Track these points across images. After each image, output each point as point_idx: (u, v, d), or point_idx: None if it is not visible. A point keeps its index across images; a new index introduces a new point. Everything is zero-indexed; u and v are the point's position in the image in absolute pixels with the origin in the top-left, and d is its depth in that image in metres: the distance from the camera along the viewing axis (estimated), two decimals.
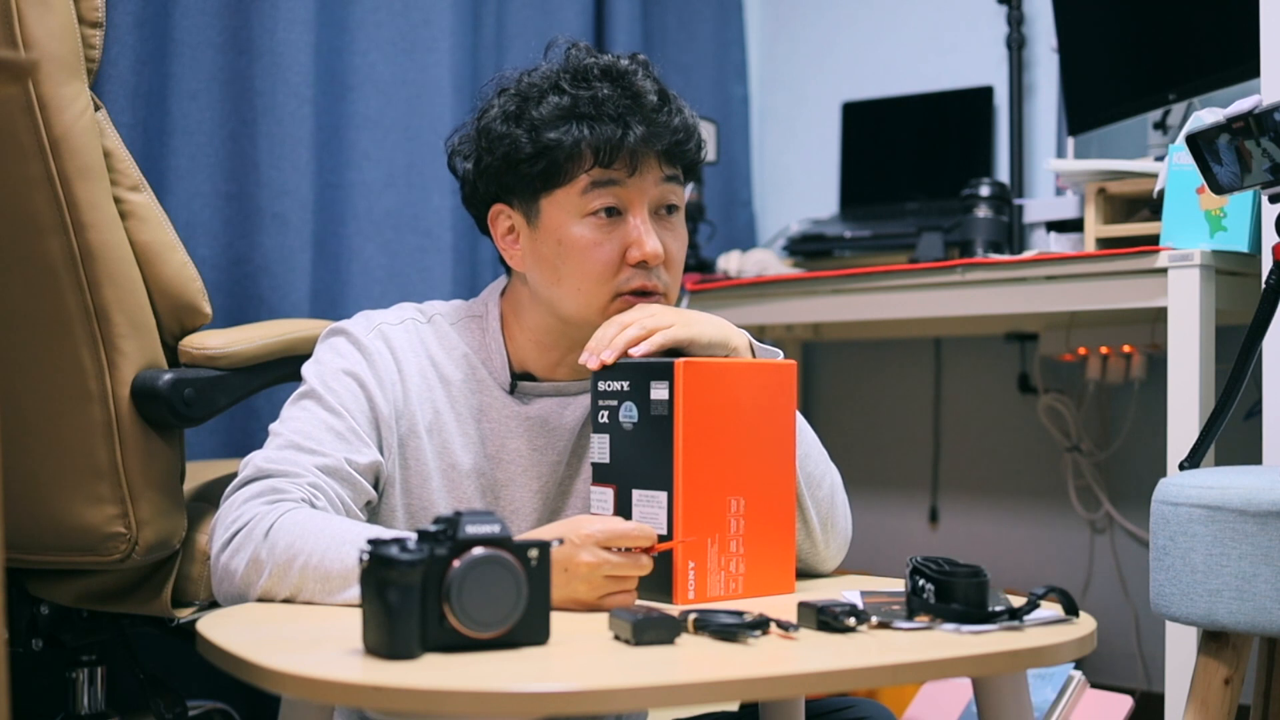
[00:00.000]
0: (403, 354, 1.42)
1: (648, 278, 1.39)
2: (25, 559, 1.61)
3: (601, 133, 1.36)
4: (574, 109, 1.37)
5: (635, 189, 1.38)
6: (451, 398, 1.43)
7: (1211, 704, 1.37)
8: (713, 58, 3.21)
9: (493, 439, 1.43)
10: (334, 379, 1.38)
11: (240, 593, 1.26)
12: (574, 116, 1.36)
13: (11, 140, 1.46)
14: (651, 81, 1.41)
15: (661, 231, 1.40)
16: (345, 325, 1.44)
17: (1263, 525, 1.30)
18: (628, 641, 1.07)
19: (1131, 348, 2.55)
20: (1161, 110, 2.28)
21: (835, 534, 1.43)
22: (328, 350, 1.42)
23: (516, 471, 1.44)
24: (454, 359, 1.44)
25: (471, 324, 1.47)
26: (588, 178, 1.37)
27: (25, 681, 1.82)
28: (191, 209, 2.21)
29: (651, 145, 1.37)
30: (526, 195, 1.41)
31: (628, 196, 1.38)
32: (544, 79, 1.40)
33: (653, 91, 1.39)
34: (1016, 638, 1.11)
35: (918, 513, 3.03)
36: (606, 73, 1.39)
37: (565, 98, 1.37)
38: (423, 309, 1.48)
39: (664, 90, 1.41)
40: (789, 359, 1.37)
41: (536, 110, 1.38)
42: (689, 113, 1.43)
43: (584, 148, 1.36)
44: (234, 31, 2.25)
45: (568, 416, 1.46)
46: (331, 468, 1.33)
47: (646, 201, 1.39)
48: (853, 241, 2.75)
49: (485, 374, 1.44)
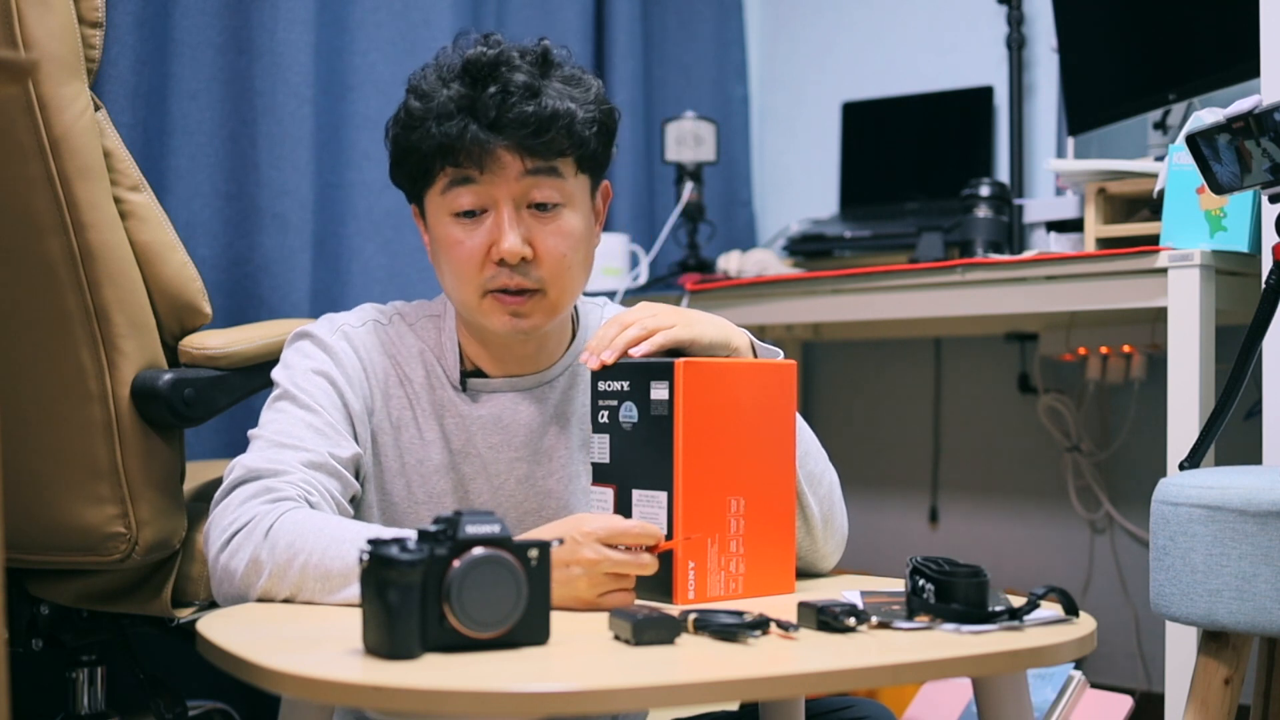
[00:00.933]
0: (366, 354, 1.43)
1: (512, 276, 1.38)
2: (25, 559, 1.62)
3: (445, 131, 1.35)
4: (428, 110, 1.37)
5: (490, 185, 1.37)
6: (414, 396, 1.44)
7: (1211, 704, 1.37)
8: (713, 58, 3.21)
9: (456, 435, 1.44)
10: (305, 379, 1.40)
11: (240, 593, 1.26)
12: (428, 117, 1.37)
13: (11, 140, 1.46)
14: (526, 72, 1.37)
15: (535, 226, 1.39)
16: (309, 328, 1.45)
17: (1263, 525, 1.30)
18: (628, 641, 1.07)
19: (1131, 348, 2.55)
20: (1161, 110, 2.28)
21: (834, 532, 1.43)
22: (295, 354, 1.43)
23: (479, 467, 1.45)
24: (412, 358, 1.46)
25: (429, 323, 1.48)
26: (445, 178, 1.39)
27: (25, 681, 1.82)
28: (191, 209, 2.21)
29: (497, 139, 1.35)
30: (412, 196, 1.46)
31: (485, 193, 1.38)
32: (418, 78, 1.41)
33: (518, 84, 1.35)
34: (1016, 638, 1.11)
35: (918, 513, 3.03)
36: (466, 68, 1.37)
37: (423, 100, 1.38)
38: (384, 310, 1.50)
39: (535, 82, 1.36)
40: (789, 359, 1.37)
41: (404, 112, 1.40)
42: (570, 102, 1.37)
43: (431, 148, 1.37)
44: (234, 31, 2.25)
45: (521, 414, 1.46)
46: (317, 463, 1.34)
47: (507, 197, 1.38)
48: (853, 241, 2.75)
49: (441, 372, 1.46)
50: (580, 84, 1.41)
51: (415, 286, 2.47)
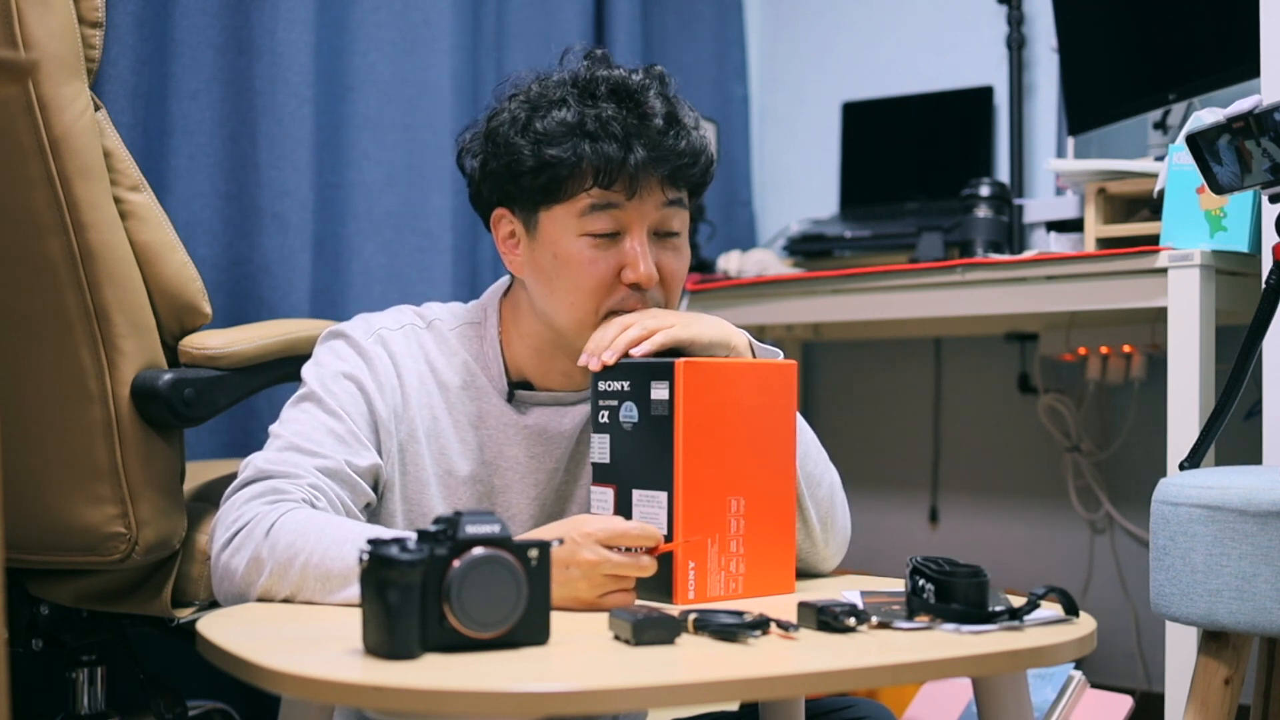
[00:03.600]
0: (401, 359, 1.42)
1: (641, 299, 1.38)
2: (25, 559, 1.61)
3: (603, 153, 1.34)
4: (579, 126, 1.35)
5: (635, 211, 1.37)
6: (449, 404, 1.43)
7: (1211, 704, 1.37)
8: (713, 58, 3.21)
9: (490, 446, 1.43)
10: (333, 382, 1.38)
11: (241, 592, 1.26)
12: (578, 134, 1.35)
13: (11, 140, 1.46)
14: (663, 101, 1.38)
15: (660, 252, 1.40)
16: (344, 328, 1.43)
17: (1263, 525, 1.30)
18: (628, 641, 1.07)
19: (1131, 348, 2.55)
20: (1161, 110, 2.28)
21: (835, 533, 1.43)
22: (327, 353, 1.42)
23: (514, 479, 1.44)
24: (453, 365, 1.44)
25: (470, 330, 1.47)
26: (588, 198, 1.36)
27: (25, 681, 1.82)
28: (191, 209, 2.21)
29: (654, 170, 1.36)
30: (527, 205, 1.40)
31: (626, 219, 1.37)
32: (554, 89, 1.39)
33: (661, 112, 1.37)
34: (1016, 638, 1.11)
35: (918, 513, 3.03)
36: (615, 90, 1.37)
37: (571, 113, 1.35)
38: (421, 313, 1.48)
39: (674, 111, 1.38)
40: (789, 359, 1.37)
41: (542, 122, 1.36)
42: (698, 134, 1.40)
43: (585, 167, 1.35)
44: (234, 31, 2.25)
45: (565, 425, 1.46)
46: (332, 470, 1.33)
47: (646, 224, 1.38)
48: (853, 241, 2.75)
49: (484, 381, 1.44)
50: (695, 113, 1.43)
51: (415, 286, 2.47)
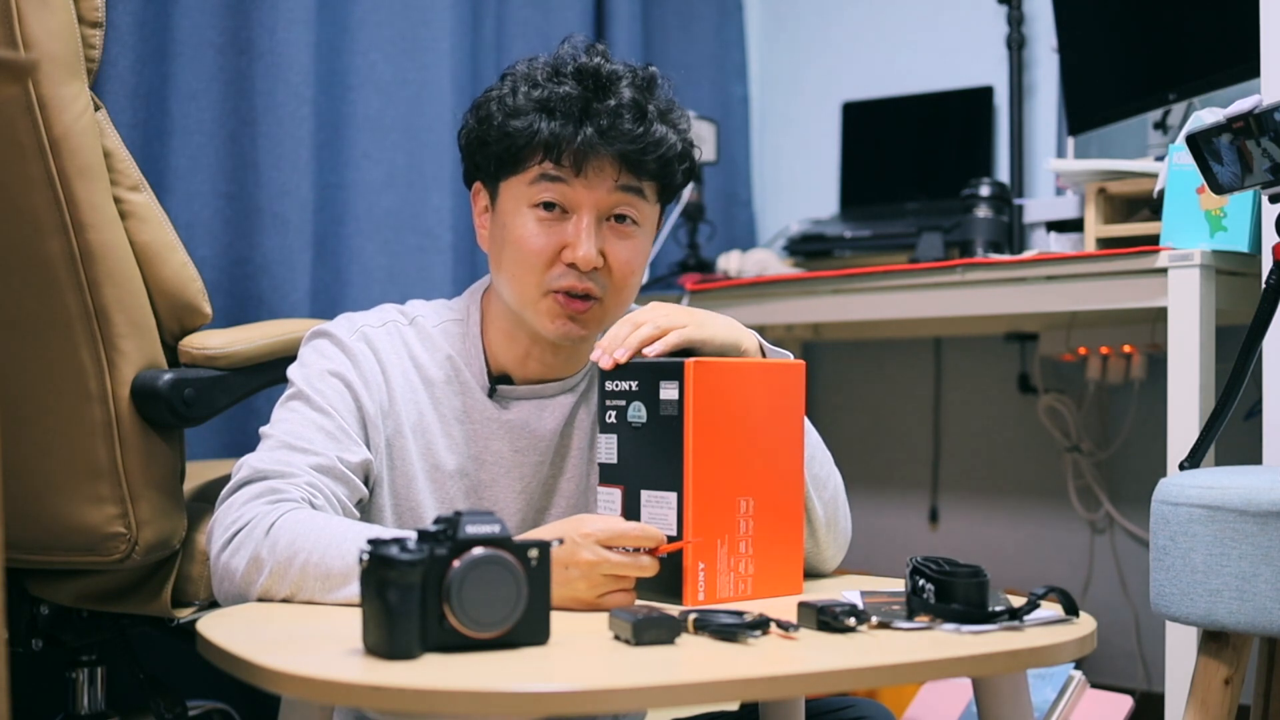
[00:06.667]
0: (386, 356, 1.43)
1: (580, 279, 1.39)
2: (25, 559, 1.61)
3: (555, 128, 1.37)
4: (544, 102, 1.38)
5: (583, 191, 1.39)
6: (435, 399, 1.44)
7: (1211, 704, 1.37)
8: (713, 58, 3.21)
9: (476, 440, 1.44)
10: (320, 380, 1.39)
11: (241, 592, 1.26)
12: (539, 109, 1.38)
13: (11, 140, 1.46)
14: (634, 90, 1.39)
15: (610, 238, 1.41)
16: (328, 327, 1.45)
17: (1263, 525, 1.30)
18: (628, 641, 1.07)
19: (1131, 348, 2.55)
20: (1161, 110, 2.28)
21: (838, 534, 1.43)
22: (312, 352, 1.43)
23: (499, 473, 1.45)
24: (437, 361, 1.45)
25: (453, 326, 1.48)
26: (538, 169, 1.39)
27: (25, 681, 1.82)
28: (191, 209, 2.21)
29: (603, 148, 1.37)
30: (490, 177, 1.45)
31: (574, 196, 1.39)
32: (540, 69, 1.42)
33: (626, 99, 1.38)
34: (1016, 638, 1.11)
35: (918, 513, 3.03)
36: (581, 71, 1.40)
37: (541, 91, 1.39)
38: (404, 310, 1.49)
39: (642, 101, 1.39)
40: (797, 360, 1.37)
41: (514, 98, 1.41)
42: (666, 128, 1.41)
43: (538, 141, 1.38)
44: (234, 31, 2.25)
45: (547, 419, 1.47)
46: (325, 466, 1.34)
47: (595, 206, 1.39)
48: (853, 241, 2.75)
49: (468, 376, 1.45)
50: (682, 117, 1.45)
51: (415, 286, 2.47)
